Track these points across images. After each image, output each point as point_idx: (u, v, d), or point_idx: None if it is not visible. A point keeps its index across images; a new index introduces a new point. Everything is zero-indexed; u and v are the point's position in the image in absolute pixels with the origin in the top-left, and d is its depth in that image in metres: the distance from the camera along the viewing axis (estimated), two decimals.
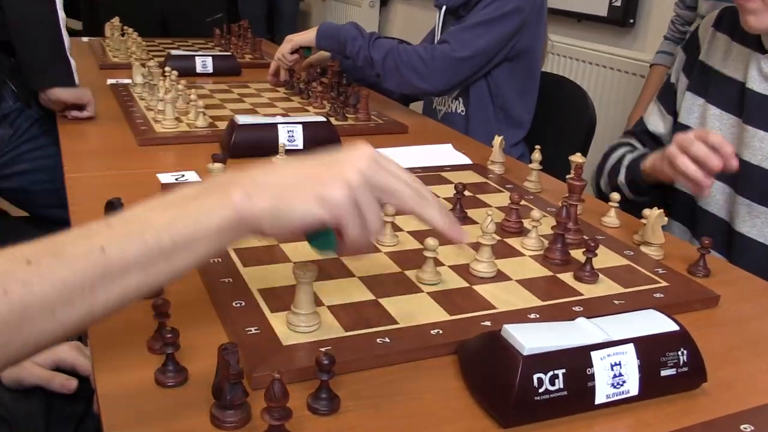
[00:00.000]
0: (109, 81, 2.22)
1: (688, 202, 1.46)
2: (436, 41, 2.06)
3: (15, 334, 0.57)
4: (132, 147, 1.60)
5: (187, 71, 2.31)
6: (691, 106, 1.47)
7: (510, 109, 2.06)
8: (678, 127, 1.45)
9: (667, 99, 1.56)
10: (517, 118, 2.09)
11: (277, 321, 0.88)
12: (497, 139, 1.56)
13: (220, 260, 1.02)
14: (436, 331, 0.89)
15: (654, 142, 1.59)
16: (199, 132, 1.71)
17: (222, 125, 1.75)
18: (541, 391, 0.73)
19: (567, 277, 1.06)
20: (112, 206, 1.04)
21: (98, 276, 0.60)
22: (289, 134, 1.59)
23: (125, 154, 1.55)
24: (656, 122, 1.58)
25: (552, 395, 0.74)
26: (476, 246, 1.08)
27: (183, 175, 1.41)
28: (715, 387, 0.83)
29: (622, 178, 1.52)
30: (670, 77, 1.58)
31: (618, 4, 3.23)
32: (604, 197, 1.55)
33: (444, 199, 1.36)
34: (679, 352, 0.80)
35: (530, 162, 1.49)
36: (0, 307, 0.56)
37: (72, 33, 2.04)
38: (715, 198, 1.42)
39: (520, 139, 2.12)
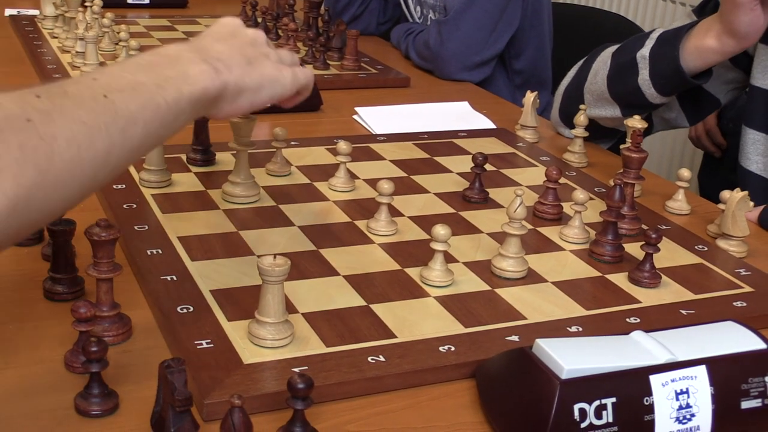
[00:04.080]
0: (8, 11, 2.22)
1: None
2: None
3: (49, 170, 0.68)
4: None
5: (115, 1, 2.31)
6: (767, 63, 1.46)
7: (524, 64, 2.14)
8: (754, 91, 1.45)
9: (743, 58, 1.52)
10: (538, 75, 2.17)
11: (237, 332, 0.89)
12: (529, 96, 1.58)
13: (160, 251, 1.04)
14: (446, 347, 0.90)
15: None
16: None
17: None
18: (584, 425, 0.74)
19: (620, 279, 1.08)
20: None
21: (110, 121, 0.74)
22: None
23: None
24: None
25: (598, 431, 0.75)
26: (501, 237, 1.09)
27: None
28: None
29: (646, 51, 1.43)
30: None
31: None
32: (594, 128, 1.51)
33: (458, 174, 1.37)
34: (767, 378, 0.82)
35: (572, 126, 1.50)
36: (29, 134, 0.67)
37: None
38: None
39: (546, 101, 2.16)
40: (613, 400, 0.76)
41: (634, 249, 1.14)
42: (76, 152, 0.70)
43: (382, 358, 0.87)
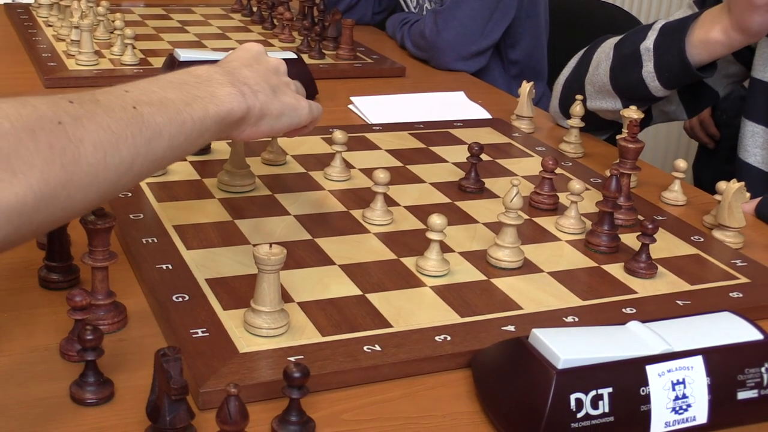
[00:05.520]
0: (3, 0, 2.21)
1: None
2: None
3: (75, 171, 0.71)
4: (36, 89, 1.60)
5: None
6: None
7: (520, 55, 2.14)
8: (755, 84, 1.45)
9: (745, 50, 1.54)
10: (533, 66, 2.16)
11: (232, 321, 0.89)
12: (525, 87, 1.57)
13: (155, 240, 1.03)
14: (442, 337, 0.90)
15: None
16: (127, 70, 1.71)
17: (157, 62, 1.75)
18: (579, 416, 0.74)
19: (616, 270, 1.08)
20: None
21: (137, 131, 0.77)
22: None
23: None
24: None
25: (594, 422, 0.75)
26: (496, 227, 1.09)
27: None
28: None
29: (650, 43, 1.43)
30: None
31: None
32: (592, 120, 1.53)
33: (454, 164, 1.37)
34: (763, 369, 0.82)
35: (568, 117, 1.50)
36: (59, 135, 0.70)
37: None
38: None
39: (542, 91, 2.16)
40: (610, 390, 0.76)
41: (630, 239, 1.14)
42: (102, 157, 0.73)
43: (377, 348, 0.87)
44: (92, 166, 0.73)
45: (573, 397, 0.74)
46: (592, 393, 0.75)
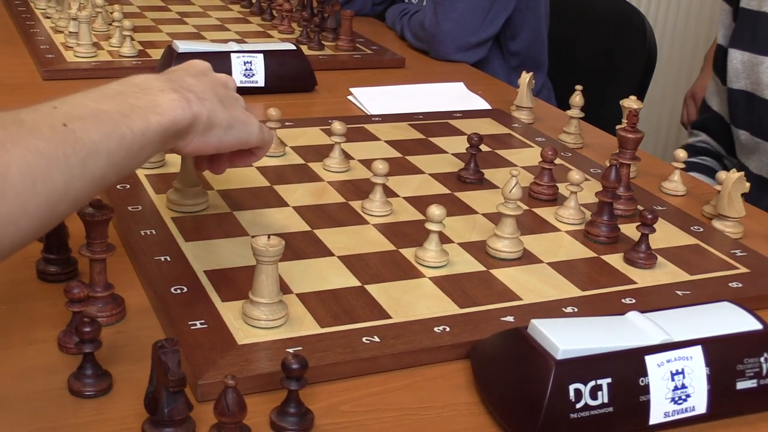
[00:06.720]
0: None
1: None
2: None
3: (1, 204, 0.65)
4: (34, 81, 1.60)
5: None
6: (737, 65, 1.53)
7: (520, 46, 2.14)
8: (743, 13, 1.52)
9: (722, 68, 1.62)
10: (533, 57, 2.15)
11: (231, 312, 0.89)
12: (525, 77, 1.57)
13: (154, 232, 1.03)
14: (441, 328, 0.90)
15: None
16: (126, 62, 1.71)
17: (156, 54, 1.75)
18: (578, 406, 0.74)
19: (615, 260, 1.08)
20: None
21: (70, 151, 0.71)
22: (246, 67, 1.59)
23: (24, 92, 1.55)
24: (719, 103, 1.66)
25: (593, 412, 0.75)
26: (496, 217, 1.09)
27: None
28: None
29: None
30: (717, 38, 1.67)
31: None
32: None
33: (453, 155, 1.37)
34: (762, 359, 0.82)
35: (568, 108, 1.50)
36: None
37: None
38: None
39: (542, 83, 2.15)
40: (609, 380, 0.76)
41: (629, 230, 1.13)
42: (31, 185, 0.67)
43: (376, 339, 0.87)
44: (20, 196, 0.66)
45: (572, 387, 0.74)
46: (591, 383, 0.75)
